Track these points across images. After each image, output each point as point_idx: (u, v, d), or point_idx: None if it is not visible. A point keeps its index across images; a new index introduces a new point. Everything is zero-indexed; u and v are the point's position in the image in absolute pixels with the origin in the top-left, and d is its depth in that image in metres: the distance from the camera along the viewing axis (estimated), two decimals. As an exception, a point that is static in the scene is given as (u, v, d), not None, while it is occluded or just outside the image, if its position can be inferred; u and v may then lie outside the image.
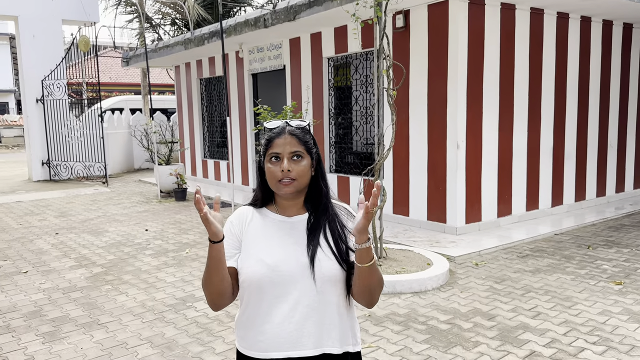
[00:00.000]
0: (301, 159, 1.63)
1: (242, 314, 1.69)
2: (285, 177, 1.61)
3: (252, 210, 1.73)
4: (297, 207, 1.70)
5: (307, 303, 1.59)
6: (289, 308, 1.59)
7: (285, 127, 1.67)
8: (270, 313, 1.60)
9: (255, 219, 1.71)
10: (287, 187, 1.61)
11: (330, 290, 1.61)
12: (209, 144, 12.38)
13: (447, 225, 6.67)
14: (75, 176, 13.64)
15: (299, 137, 1.66)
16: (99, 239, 7.09)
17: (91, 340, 3.90)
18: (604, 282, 4.85)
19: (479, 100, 6.65)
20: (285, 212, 1.70)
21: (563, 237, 6.53)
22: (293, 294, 1.58)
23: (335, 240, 1.63)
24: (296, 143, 1.64)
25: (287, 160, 1.61)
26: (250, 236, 1.67)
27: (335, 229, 1.66)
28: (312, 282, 1.58)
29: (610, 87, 8.39)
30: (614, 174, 8.67)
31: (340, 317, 1.64)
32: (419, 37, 6.80)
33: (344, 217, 1.70)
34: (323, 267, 1.59)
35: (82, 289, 5.05)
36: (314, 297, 1.59)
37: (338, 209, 1.72)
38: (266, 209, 1.72)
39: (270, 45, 9.53)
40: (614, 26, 8.27)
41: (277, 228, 1.67)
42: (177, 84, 13.19)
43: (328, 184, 1.74)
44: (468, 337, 3.76)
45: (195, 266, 5.68)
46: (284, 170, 1.60)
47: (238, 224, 1.70)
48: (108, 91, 25.28)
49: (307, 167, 1.64)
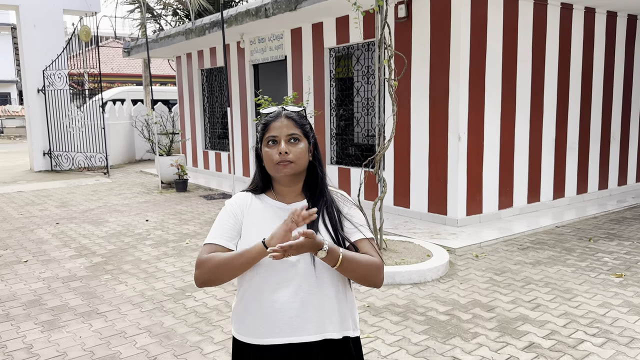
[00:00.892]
0: (298, 142, 1.63)
1: (239, 300, 1.68)
2: (283, 159, 1.60)
3: (250, 196, 1.72)
4: (295, 194, 1.69)
5: (308, 289, 1.59)
6: (289, 294, 1.58)
7: (282, 111, 1.67)
8: (271, 299, 1.59)
9: (255, 204, 1.69)
10: (285, 168, 1.61)
11: (329, 275, 1.60)
12: (210, 135, 12.36)
13: (448, 217, 6.64)
14: (76, 167, 13.64)
15: (295, 120, 1.65)
16: (100, 229, 7.09)
17: (90, 329, 3.90)
18: (604, 274, 4.83)
19: (481, 91, 6.61)
20: (283, 198, 1.69)
21: (564, 229, 6.50)
22: (295, 279, 1.58)
23: (334, 226, 1.63)
24: (293, 126, 1.63)
25: (285, 142, 1.61)
26: (249, 221, 1.66)
27: (332, 214, 1.65)
28: (312, 268, 1.58)
29: (613, 79, 8.33)
30: (616, 167, 8.63)
31: (340, 302, 1.64)
32: (421, 28, 6.74)
33: (340, 203, 1.70)
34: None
35: (82, 279, 5.05)
36: (314, 282, 1.59)
37: (334, 195, 1.71)
38: (265, 195, 1.72)
39: (272, 35, 9.47)
40: (618, 17, 8.20)
41: (275, 215, 1.66)
42: (178, 74, 13.15)
43: (325, 170, 1.72)
44: (467, 328, 3.75)
45: (195, 256, 5.68)
46: (281, 152, 1.59)
47: (238, 206, 1.69)
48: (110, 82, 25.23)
49: (305, 150, 1.64)
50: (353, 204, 1.71)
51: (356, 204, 1.73)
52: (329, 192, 1.70)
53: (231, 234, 1.65)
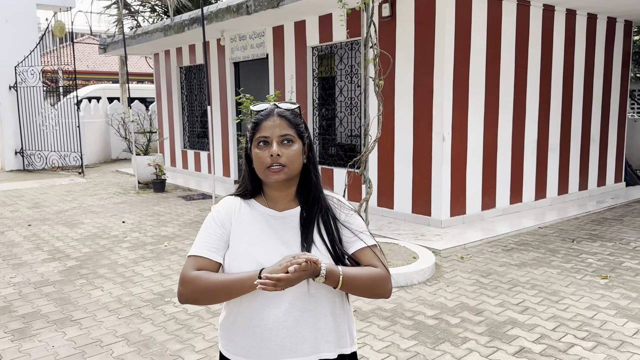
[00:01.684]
0: (292, 144, 1.49)
1: (228, 316, 1.54)
2: (275, 162, 1.46)
3: (239, 201, 1.58)
4: (287, 200, 1.56)
5: (301, 306, 1.46)
6: (282, 312, 1.45)
7: (274, 109, 1.53)
8: (262, 317, 1.46)
9: (244, 211, 1.56)
10: (276, 174, 1.47)
11: (325, 291, 1.48)
12: (189, 134, 12.13)
13: (432, 218, 6.58)
14: (50, 166, 13.26)
15: (289, 119, 1.51)
16: (74, 231, 6.85)
17: (63, 337, 3.71)
18: (589, 276, 4.81)
19: (464, 91, 6.56)
20: (275, 205, 1.56)
21: (547, 230, 6.50)
22: (287, 296, 1.45)
23: (330, 237, 1.50)
24: (286, 126, 1.49)
25: (277, 144, 1.47)
26: (238, 230, 1.52)
27: (328, 223, 1.53)
28: (307, 284, 1.45)
29: (593, 81, 8.39)
30: (596, 168, 8.70)
31: (336, 319, 1.51)
32: (406, 27, 6.67)
33: (337, 210, 1.57)
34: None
35: (55, 284, 4.83)
36: (308, 299, 1.46)
37: (330, 200, 1.59)
38: (254, 201, 1.58)
39: (253, 33, 9.31)
40: (598, 20, 8.26)
41: (266, 223, 1.53)
42: (156, 72, 12.87)
43: (319, 174, 1.60)
44: (456, 332, 3.67)
45: (174, 260, 5.50)
46: (273, 155, 1.46)
47: (226, 213, 1.55)
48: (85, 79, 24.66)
49: (299, 153, 1.50)
50: (350, 209, 1.59)
51: (354, 209, 1.61)
52: (325, 198, 1.58)
53: (218, 244, 1.51)
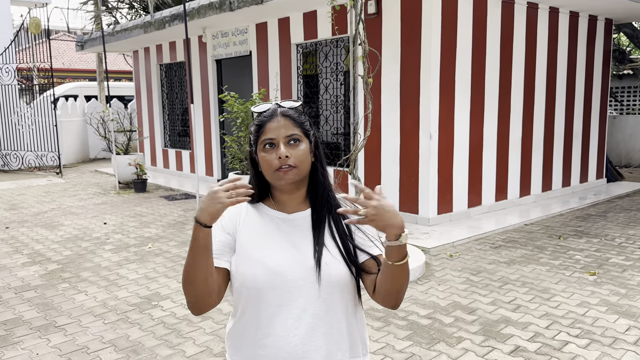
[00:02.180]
0: (299, 143, 1.42)
1: (236, 323, 1.47)
2: (284, 164, 1.39)
3: (245, 206, 1.51)
4: (297, 202, 1.49)
5: (314, 312, 1.39)
6: (293, 318, 1.38)
7: (277, 109, 1.45)
8: (272, 324, 1.39)
9: (251, 215, 1.49)
10: (287, 174, 1.40)
11: (338, 296, 1.41)
12: (169, 132, 11.93)
13: (420, 216, 6.57)
14: (26, 166, 12.94)
15: (293, 118, 1.44)
16: (54, 233, 6.66)
17: (48, 344, 3.58)
18: (578, 272, 4.84)
19: (451, 89, 6.56)
20: (284, 208, 1.49)
21: (533, 227, 6.54)
22: (298, 301, 1.38)
23: (342, 238, 1.44)
24: (291, 125, 1.43)
25: (284, 145, 1.40)
26: (245, 235, 1.45)
27: (339, 223, 1.46)
28: (318, 288, 1.39)
29: (575, 78, 8.48)
30: (578, 165, 8.79)
31: (350, 326, 1.45)
32: (392, 24, 6.63)
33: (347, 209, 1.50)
34: (331, 271, 1.39)
35: (37, 288, 4.68)
36: (321, 305, 1.39)
37: (342, 202, 1.52)
38: (262, 205, 1.51)
39: (236, 30, 9.19)
40: (580, 18, 8.34)
41: (276, 227, 1.46)
42: (136, 69, 12.64)
43: (327, 172, 1.53)
44: (450, 332, 3.64)
45: (159, 262, 5.38)
46: (281, 156, 1.38)
47: (230, 219, 1.48)
48: (61, 77, 24.13)
49: (307, 152, 1.43)
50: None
51: None
52: (335, 197, 1.51)
53: (222, 249, 1.44)
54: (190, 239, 1.34)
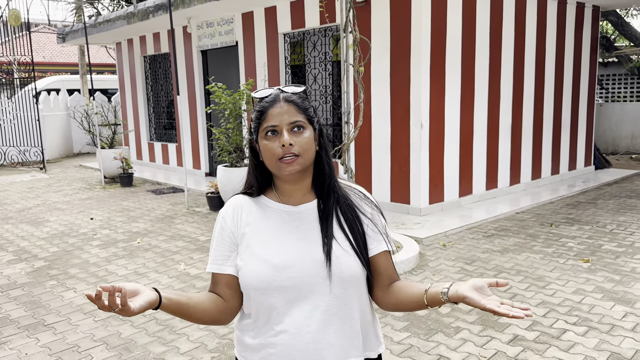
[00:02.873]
0: (303, 130, 1.34)
1: (245, 318, 1.41)
2: (287, 153, 1.31)
3: (247, 200, 1.43)
4: (302, 193, 1.41)
5: (325, 308, 1.32)
6: (304, 315, 1.31)
7: (280, 94, 1.37)
8: (282, 321, 1.32)
9: (253, 210, 1.41)
10: (291, 165, 1.32)
11: (351, 291, 1.35)
12: (155, 125, 11.75)
13: (411, 206, 6.53)
14: (9, 162, 12.67)
15: (297, 104, 1.36)
16: (40, 229, 6.52)
17: (37, 344, 3.48)
18: (572, 260, 4.83)
19: (441, 77, 6.51)
20: (288, 199, 1.41)
21: (524, 215, 6.54)
22: (309, 298, 1.32)
23: (352, 229, 1.37)
24: (295, 111, 1.34)
25: (287, 132, 1.32)
26: (248, 231, 1.38)
27: (348, 213, 1.38)
28: (329, 283, 1.32)
29: (564, 66, 8.48)
30: (567, 152, 8.82)
31: (363, 321, 1.39)
32: (381, 12, 6.55)
33: (360, 201, 1.43)
34: (342, 265, 1.32)
35: (24, 286, 4.56)
36: (333, 301, 1.33)
37: (350, 191, 1.44)
38: (265, 197, 1.43)
39: (221, 19, 9.03)
40: (568, 5, 8.33)
41: (281, 220, 1.38)
42: (119, 61, 12.41)
43: (332, 161, 1.46)
44: (448, 322, 3.61)
45: (149, 257, 5.27)
46: (285, 144, 1.30)
47: (232, 218, 1.41)
48: (42, 71, 23.68)
49: (311, 140, 1.35)
50: (374, 203, 1.45)
51: (376, 203, 1.47)
52: (341, 187, 1.43)
53: (224, 255, 1.39)
54: (179, 234, 1.27)
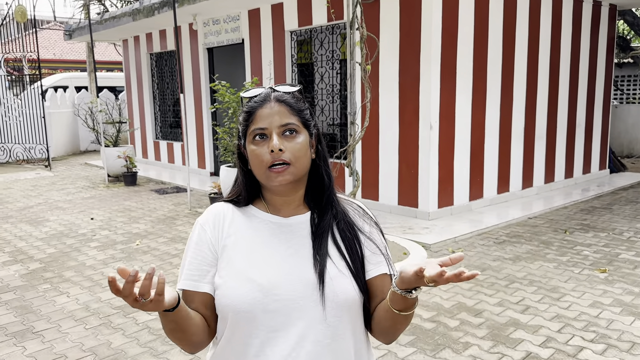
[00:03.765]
0: (296, 135, 1.16)
1: (220, 352, 1.20)
2: (277, 159, 1.13)
3: (231, 208, 1.24)
4: (294, 205, 1.23)
5: (316, 338, 1.13)
6: (290, 346, 1.12)
7: (271, 93, 1.18)
8: (264, 352, 1.13)
9: (238, 220, 1.22)
10: (280, 174, 1.14)
11: (346, 318, 1.15)
12: (160, 124, 11.62)
13: (419, 210, 6.32)
14: (14, 159, 12.60)
15: (290, 104, 1.17)
16: (39, 229, 6.38)
17: (23, 353, 3.32)
18: (588, 269, 4.60)
19: (452, 77, 6.28)
20: (278, 211, 1.22)
21: (537, 221, 6.30)
22: (297, 325, 1.12)
23: (349, 249, 1.18)
24: (287, 112, 1.16)
25: (277, 136, 1.14)
26: (231, 245, 1.19)
27: (346, 231, 1.20)
28: (322, 309, 1.13)
29: (579, 67, 8.21)
30: (581, 155, 8.56)
31: (358, 353, 1.19)
32: (390, 10, 6.34)
33: (358, 218, 1.24)
34: (336, 287, 1.13)
35: (16, 289, 4.41)
36: (326, 330, 1.13)
37: (347, 205, 1.26)
38: (253, 207, 1.24)
39: (227, 17, 8.86)
40: (584, 3, 8.06)
41: (269, 233, 1.19)
42: (125, 59, 12.29)
43: (331, 171, 1.27)
44: (456, 337, 3.40)
45: (146, 260, 5.11)
46: (273, 149, 1.12)
47: (212, 227, 1.21)
48: (52, 68, 23.71)
49: (305, 146, 1.17)
50: (373, 220, 1.27)
51: (375, 220, 1.28)
52: (339, 201, 1.26)
53: (201, 270, 1.18)
54: (179, 235, 1.08)
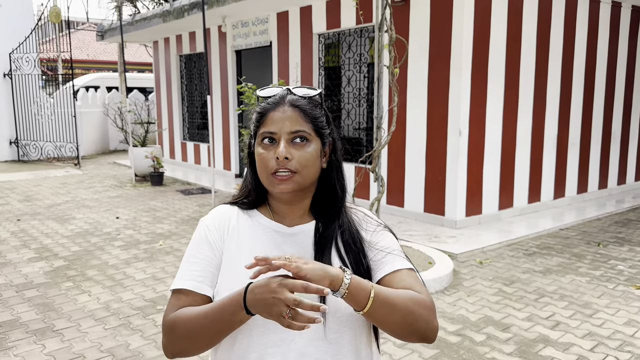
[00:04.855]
0: (306, 143, 1.09)
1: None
2: (282, 167, 1.07)
3: (236, 212, 1.19)
4: (299, 213, 1.17)
5: (317, 356, 1.06)
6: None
7: (286, 96, 1.12)
8: None
9: (242, 224, 1.16)
10: (284, 182, 1.08)
11: (347, 334, 1.08)
12: (188, 125, 11.70)
13: (446, 218, 6.17)
14: (45, 157, 12.86)
15: (304, 110, 1.11)
16: (65, 227, 6.45)
17: (42, 351, 3.31)
18: (622, 285, 4.39)
19: (483, 83, 6.12)
20: (283, 219, 1.16)
21: (569, 232, 6.08)
22: (297, 343, 1.06)
23: (352, 260, 1.12)
24: (299, 119, 1.10)
25: (285, 142, 1.07)
26: (233, 250, 1.13)
27: (350, 242, 1.14)
28: (324, 327, 1.06)
29: (616, 74, 7.94)
30: (616, 165, 8.26)
31: None
32: (420, 13, 6.22)
33: (360, 225, 1.18)
34: (338, 302, 1.06)
35: (39, 287, 4.44)
36: (327, 347, 1.06)
37: (353, 214, 1.20)
38: (258, 212, 1.18)
39: (256, 19, 8.86)
40: (622, 9, 7.79)
41: (271, 241, 1.14)
42: (155, 60, 12.43)
43: (346, 184, 1.19)
44: (482, 352, 3.26)
45: (169, 261, 5.10)
46: (279, 156, 1.06)
47: (217, 229, 1.16)
48: (85, 68, 24.25)
49: (315, 156, 1.10)
50: (379, 224, 1.20)
51: (383, 224, 1.21)
52: (347, 212, 1.19)
53: (205, 271, 1.12)
54: None
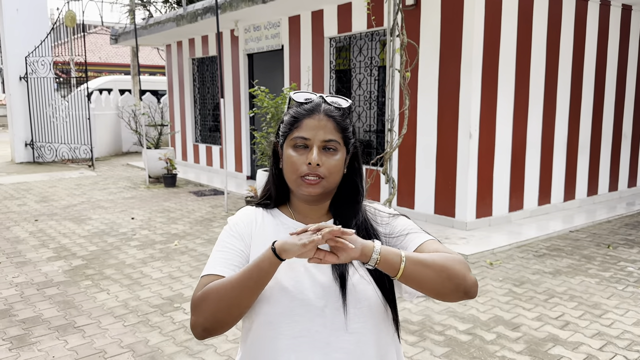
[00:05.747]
0: (335, 152, 1.18)
1: (246, 354, 1.23)
2: (312, 172, 1.15)
3: (261, 213, 1.28)
4: (320, 213, 1.26)
5: (340, 345, 1.14)
6: (315, 353, 1.13)
7: (321, 104, 1.21)
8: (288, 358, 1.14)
9: (267, 225, 1.25)
10: (312, 186, 1.16)
11: (369, 323, 1.16)
12: (200, 127, 11.84)
13: (456, 219, 6.23)
14: (60, 158, 13.07)
15: (337, 121, 1.20)
16: (81, 227, 6.59)
17: (65, 346, 3.43)
18: (632, 286, 4.44)
19: (493, 85, 6.19)
20: (303, 218, 1.25)
21: (579, 234, 6.12)
22: (321, 333, 1.13)
23: None
24: (333, 129, 1.19)
25: (318, 149, 1.16)
26: (260, 246, 1.20)
27: (370, 237, 1.21)
28: (345, 317, 1.14)
29: (626, 76, 7.95)
30: (627, 168, 8.27)
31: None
32: (431, 16, 6.29)
33: (375, 220, 1.27)
34: (359, 295, 1.15)
35: (59, 285, 4.56)
36: (350, 337, 1.14)
37: (367, 211, 1.29)
38: (280, 212, 1.27)
39: (268, 23, 8.97)
40: (633, 12, 7.81)
41: None
42: (168, 63, 12.59)
43: (364, 188, 1.29)
44: (492, 351, 3.33)
45: (184, 260, 5.21)
46: (311, 162, 1.14)
47: (245, 225, 1.25)
48: (97, 71, 24.50)
49: (341, 164, 1.20)
50: (390, 215, 1.29)
51: (394, 212, 1.30)
52: (363, 209, 1.28)
53: (238, 260, 1.20)
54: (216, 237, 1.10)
